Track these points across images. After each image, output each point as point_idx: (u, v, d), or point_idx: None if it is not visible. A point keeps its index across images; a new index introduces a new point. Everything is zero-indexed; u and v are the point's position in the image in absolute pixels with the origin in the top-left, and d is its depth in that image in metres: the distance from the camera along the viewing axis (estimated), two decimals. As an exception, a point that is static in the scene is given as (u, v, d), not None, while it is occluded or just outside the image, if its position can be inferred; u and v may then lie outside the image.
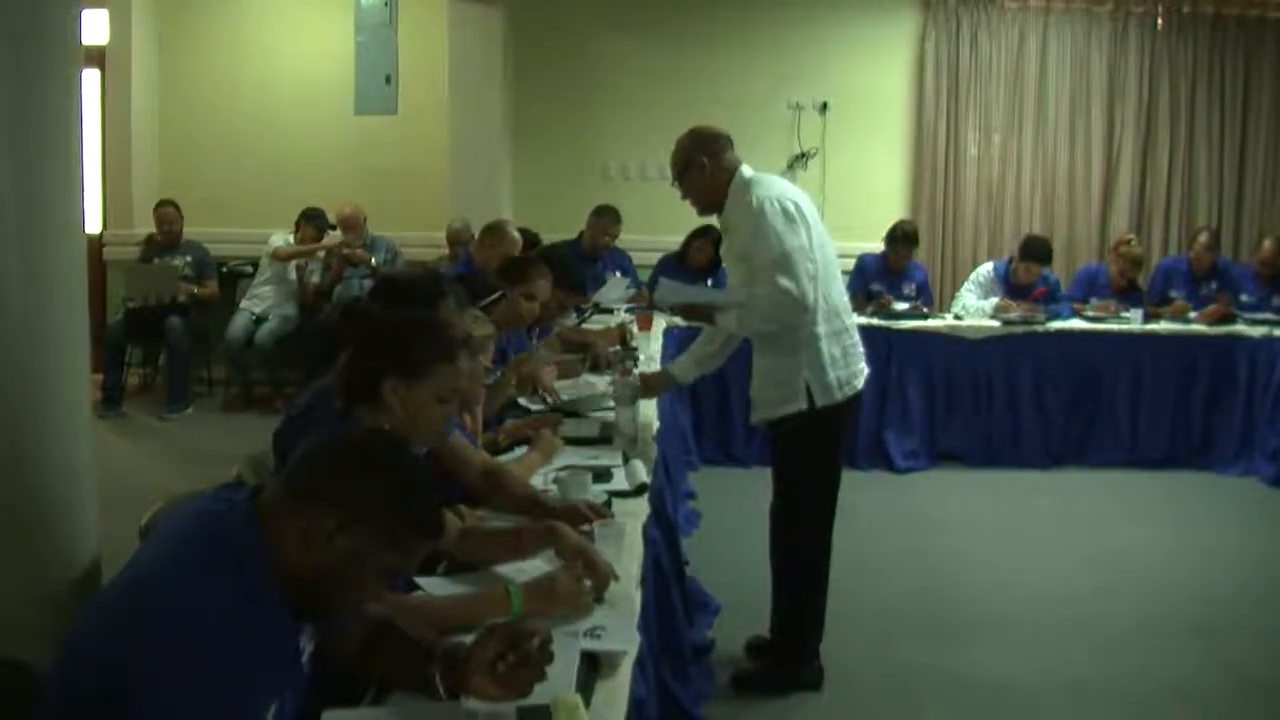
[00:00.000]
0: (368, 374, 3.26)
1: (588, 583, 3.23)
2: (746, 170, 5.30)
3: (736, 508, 6.56)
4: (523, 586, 3.15)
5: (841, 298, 5.33)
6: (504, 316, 5.61)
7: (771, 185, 5.23)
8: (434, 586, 3.33)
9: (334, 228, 10.75)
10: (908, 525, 7.98)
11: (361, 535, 2.36)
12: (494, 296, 5.27)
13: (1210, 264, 9.93)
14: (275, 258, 10.66)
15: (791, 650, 5.55)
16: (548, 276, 5.99)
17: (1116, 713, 5.42)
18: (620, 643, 3.05)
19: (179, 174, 11.30)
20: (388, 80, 11.37)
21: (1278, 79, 11.29)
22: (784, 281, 5.00)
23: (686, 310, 5.76)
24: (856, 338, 5.41)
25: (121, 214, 11.18)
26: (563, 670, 2.72)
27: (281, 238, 10.75)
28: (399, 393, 3.23)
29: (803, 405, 5.22)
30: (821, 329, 5.18)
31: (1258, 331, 9.36)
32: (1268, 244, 9.98)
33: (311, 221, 10.71)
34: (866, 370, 5.47)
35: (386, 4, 11.31)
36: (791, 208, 5.09)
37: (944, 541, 7.65)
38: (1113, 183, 11.32)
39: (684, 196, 5.44)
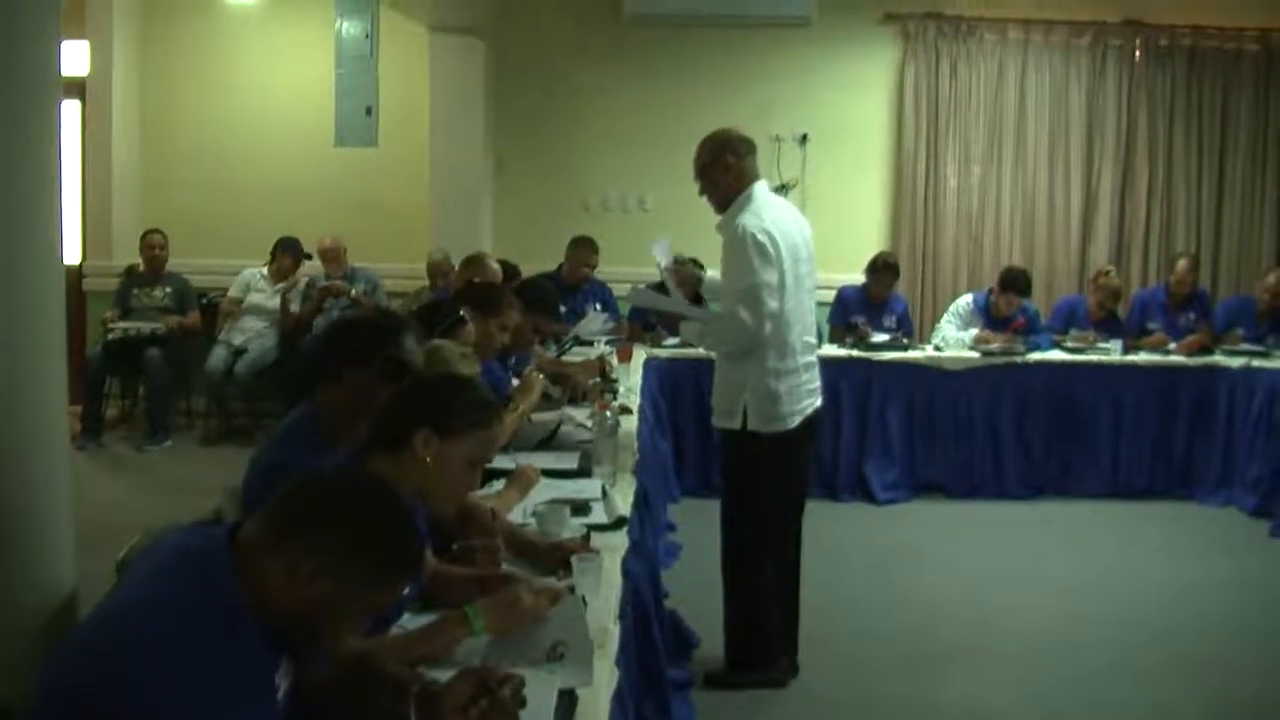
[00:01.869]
0: (402, 422, 3.26)
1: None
2: (759, 186, 5.64)
3: (717, 540, 6.54)
4: (481, 606, 3.15)
5: (802, 338, 5.63)
6: (477, 346, 5.63)
7: (765, 212, 5.51)
8: (406, 621, 3.32)
9: (309, 256, 10.74)
10: (888, 556, 7.98)
11: (342, 574, 2.35)
12: (452, 320, 5.27)
13: (1190, 289, 9.98)
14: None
15: (746, 658, 5.81)
16: (517, 305, 6.17)
17: (1098, 745, 5.43)
18: (582, 661, 3.06)
19: (159, 205, 11.28)
20: (368, 112, 11.38)
21: (1255, 111, 11.34)
22: (743, 314, 5.37)
23: (657, 315, 6.43)
24: (806, 378, 5.68)
25: (101, 245, 11.16)
26: (539, 708, 2.71)
27: (254, 272, 10.76)
28: (430, 446, 3.21)
29: (736, 425, 5.56)
30: (770, 364, 5.48)
31: (1236, 362, 9.39)
32: (1273, 278, 9.98)
33: (288, 251, 10.70)
34: (816, 404, 5.80)
35: (367, 36, 11.33)
36: (768, 244, 5.36)
37: (925, 572, 7.66)
38: (1092, 214, 11.35)
39: (701, 192, 5.72)
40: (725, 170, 5.59)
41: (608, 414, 5.34)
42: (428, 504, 3.24)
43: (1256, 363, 9.35)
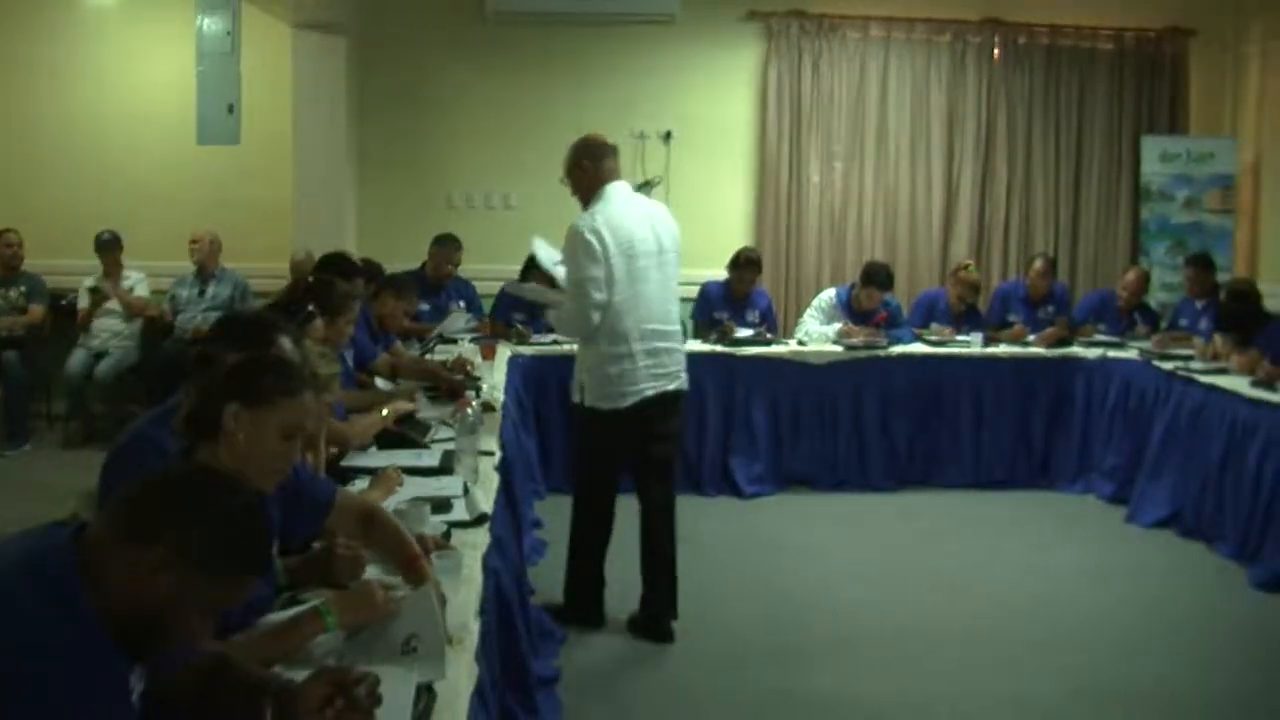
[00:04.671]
0: (212, 405, 3.21)
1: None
2: (612, 186, 6.24)
3: (584, 536, 6.63)
4: (334, 601, 3.14)
5: (640, 327, 6.17)
6: (330, 341, 5.64)
7: (605, 210, 6.13)
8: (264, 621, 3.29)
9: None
10: (755, 550, 8.02)
11: (183, 570, 2.33)
12: (302, 318, 5.23)
13: (1046, 289, 10.15)
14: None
15: (576, 606, 6.53)
16: (359, 297, 6.40)
17: (960, 729, 5.51)
18: (436, 662, 3.04)
19: (14, 204, 11.02)
20: (230, 109, 11.24)
21: (1110, 108, 11.60)
22: (571, 306, 6.14)
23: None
24: (647, 363, 6.22)
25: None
26: (396, 705, 2.70)
27: (89, 278, 10.64)
28: (241, 420, 3.16)
29: (575, 399, 6.34)
30: (603, 349, 6.14)
31: (1093, 353, 9.61)
32: (1132, 275, 10.27)
33: (106, 248, 10.57)
34: (665, 388, 6.30)
35: (229, 33, 11.20)
36: (595, 243, 6.00)
37: (791, 565, 7.71)
38: (953, 209, 11.53)
39: (572, 193, 6.35)
40: (582, 173, 6.26)
41: (469, 411, 5.33)
42: (247, 482, 3.15)
43: (1112, 354, 9.57)
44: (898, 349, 9.54)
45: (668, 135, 11.18)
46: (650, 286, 6.21)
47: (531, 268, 9.43)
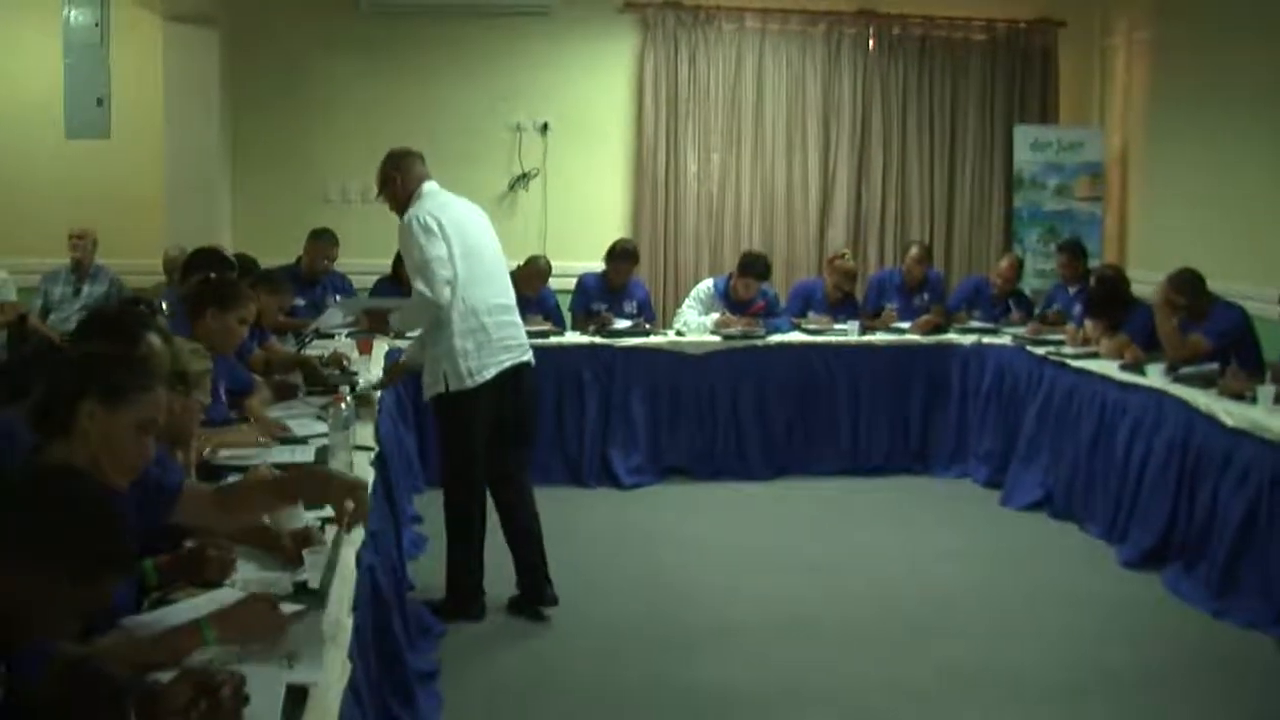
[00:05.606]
0: (65, 400, 3.15)
1: (282, 608, 3.21)
2: (427, 186, 6.50)
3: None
4: (213, 618, 3.07)
5: (486, 301, 6.39)
6: (215, 342, 5.58)
7: (429, 200, 6.42)
8: (136, 624, 3.23)
9: None
10: (634, 540, 8.05)
11: (41, 571, 2.30)
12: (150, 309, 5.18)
13: (922, 276, 10.27)
14: None
15: (457, 597, 6.52)
16: (255, 300, 6.38)
17: (838, 713, 5.55)
18: (313, 671, 2.99)
19: None
20: (100, 103, 11.04)
21: (982, 97, 11.74)
22: (420, 287, 6.24)
23: (367, 316, 7.38)
24: (499, 335, 6.43)
25: None
26: (266, 705, 2.68)
27: None
28: (96, 417, 3.12)
29: (441, 389, 6.35)
30: (456, 327, 6.27)
31: (968, 339, 9.76)
32: (1005, 263, 10.41)
33: None
34: (517, 360, 6.53)
35: (97, 24, 10.99)
36: (433, 223, 6.26)
37: (670, 555, 7.74)
38: (829, 199, 11.60)
39: (392, 209, 6.60)
40: (394, 184, 6.53)
41: (343, 406, 5.30)
42: (102, 478, 3.05)
43: (987, 340, 9.73)
44: (775, 338, 9.61)
45: (545, 127, 11.15)
46: (487, 264, 6.47)
47: (400, 260, 9.42)
